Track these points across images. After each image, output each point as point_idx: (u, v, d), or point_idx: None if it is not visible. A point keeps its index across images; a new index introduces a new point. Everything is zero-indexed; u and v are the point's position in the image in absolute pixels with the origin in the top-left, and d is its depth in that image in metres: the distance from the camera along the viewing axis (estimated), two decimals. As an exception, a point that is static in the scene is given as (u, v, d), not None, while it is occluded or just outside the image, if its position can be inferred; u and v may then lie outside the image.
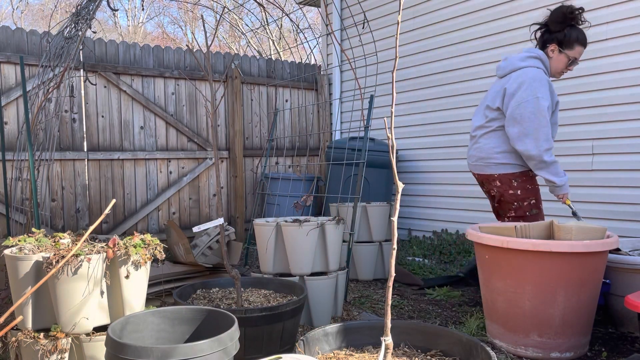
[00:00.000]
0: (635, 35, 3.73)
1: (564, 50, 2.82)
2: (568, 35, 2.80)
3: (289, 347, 2.45)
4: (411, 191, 5.48)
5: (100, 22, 17.15)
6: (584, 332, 2.50)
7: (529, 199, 2.88)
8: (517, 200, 2.87)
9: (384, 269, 4.23)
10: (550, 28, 2.87)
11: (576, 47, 2.82)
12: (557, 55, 2.84)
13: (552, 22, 2.84)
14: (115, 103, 5.04)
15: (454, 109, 5.02)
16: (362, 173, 3.61)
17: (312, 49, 4.76)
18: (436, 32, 5.16)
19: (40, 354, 1.88)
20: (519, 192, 2.84)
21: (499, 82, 2.92)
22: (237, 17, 15.81)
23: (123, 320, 1.77)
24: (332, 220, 3.03)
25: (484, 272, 2.70)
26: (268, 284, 2.85)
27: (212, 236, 3.89)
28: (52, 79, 3.30)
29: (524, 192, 2.85)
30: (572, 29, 2.81)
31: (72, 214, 4.83)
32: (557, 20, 2.81)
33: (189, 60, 5.50)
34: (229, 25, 16.70)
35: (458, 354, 1.86)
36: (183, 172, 5.46)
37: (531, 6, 4.33)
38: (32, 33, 4.61)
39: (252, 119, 5.95)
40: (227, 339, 1.60)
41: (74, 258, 1.85)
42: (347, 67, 6.20)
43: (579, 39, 2.82)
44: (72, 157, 4.79)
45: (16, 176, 3.99)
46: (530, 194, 2.88)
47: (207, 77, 4.94)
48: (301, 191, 5.39)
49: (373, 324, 2.02)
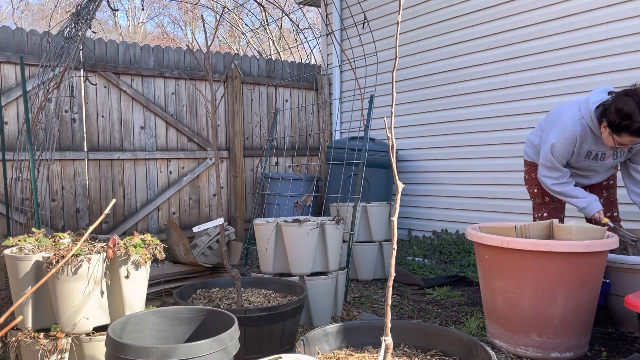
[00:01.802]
0: (635, 35, 3.73)
1: (613, 132, 2.67)
2: (618, 125, 2.61)
3: (289, 347, 2.45)
4: (411, 191, 5.48)
5: (100, 22, 17.14)
6: (584, 332, 2.50)
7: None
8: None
9: (384, 269, 4.23)
10: (610, 110, 2.66)
11: (624, 137, 2.64)
12: (607, 134, 2.70)
13: (615, 108, 2.63)
14: (115, 103, 5.04)
15: (453, 109, 5.02)
16: (362, 173, 3.61)
17: (312, 49, 4.76)
18: (436, 32, 5.16)
19: (40, 354, 1.88)
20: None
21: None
22: (237, 17, 15.81)
23: (123, 320, 1.77)
24: (332, 220, 3.03)
25: (484, 272, 2.70)
26: (268, 284, 2.85)
27: (212, 236, 3.89)
28: (52, 79, 3.30)
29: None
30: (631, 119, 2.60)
31: (72, 214, 4.83)
32: (618, 111, 2.61)
33: (189, 60, 5.50)
34: (229, 25, 16.70)
35: (458, 354, 1.87)
36: (183, 172, 5.46)
37: (531, 6, 4.33)
38: (32, 33, 4.61)
39: (252, 119, 5.96)
40: (227, 339, 1.60)
41: (74, 258, 1.85)
42: (347, 67, 6.20)
43: (630, 130, 2.59)
44: (72, 157, 4.79)
45: (16, 176, 3.99)
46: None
47: (207, 77, 4.94)
48: (301, 191, 5.39)
49: (373, 324, 2.02)
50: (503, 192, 4.61)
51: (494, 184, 4.70)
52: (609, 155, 2.86)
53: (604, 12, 3.90)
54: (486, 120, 4.74)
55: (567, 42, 4.12)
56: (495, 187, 4.69)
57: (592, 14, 3.97)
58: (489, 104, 4.71)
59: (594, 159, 2.88)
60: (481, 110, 4.78)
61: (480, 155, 4.81)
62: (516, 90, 4.48)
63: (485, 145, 4.76)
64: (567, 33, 4.12)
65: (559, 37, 4.17)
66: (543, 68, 4.28)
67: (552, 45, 4.21)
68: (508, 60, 4.53)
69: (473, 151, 4.87)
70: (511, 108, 4.52)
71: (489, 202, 4.74)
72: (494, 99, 4.66)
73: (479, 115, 4.79)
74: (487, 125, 4.73)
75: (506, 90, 4.56)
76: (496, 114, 4.65)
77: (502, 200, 4.62)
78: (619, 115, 2.59)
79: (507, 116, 4.56)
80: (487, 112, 4.72)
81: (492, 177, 4.71)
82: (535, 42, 4.32)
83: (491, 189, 4.72)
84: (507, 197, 4.56)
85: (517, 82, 4.47)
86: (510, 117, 4.53)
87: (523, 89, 4.43)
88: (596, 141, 2.80)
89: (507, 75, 4.55)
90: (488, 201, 4.76)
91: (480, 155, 4.81)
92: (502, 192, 4.62)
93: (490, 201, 4.74)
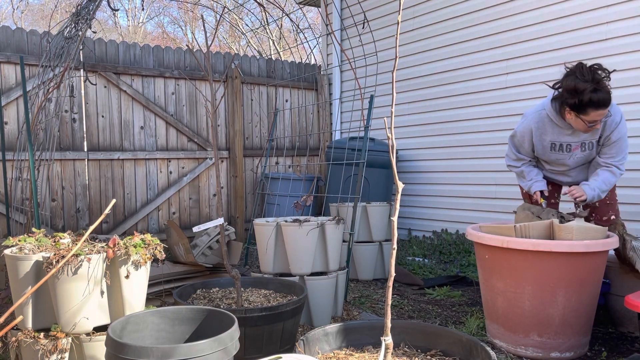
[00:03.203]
0: (635, 35, 3.73)
1: (579, 115, 2.65)
2: (579, 102, 2.59)
3: (289, 347, 2.45)
4: (411, 191, 5.48)
5: (100, 22, 17.14)
6: (584, 332, 2.50)
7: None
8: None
9: (384, 269, 4.23)
10: (563, 94, 2.68)
11: (590, 112, 2.60)
12: (574, 118, 2.68)
13: (565, 91, 2.65)
14: (115, 103, 5.04)
15: (453, 109, 5.02)
16: (362, 173, 3.61)
17: (312, 49, 4.77)
18: (436, 32, 5.16)
19: (41, 354, 1.88)
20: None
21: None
22: (237, 17, 15.81)
23: (123, 320, 1.77)
24: (332, 220, 3.03)
25: (484, 272, 2.70)
26: (268, 283, 2.85)
27: (212, 236, 3.88)
28: (52, 79, 3.30)
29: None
30: (584, 94, 2.59)
31: (72, 214, 4.83)
32: (570, 91, 2.62)
33: (189, 60, 5.50)
34: (229, 25, 16.70)
35: (458, 354, 1.86)
36: (183, 172, 5.46)
37: (531, 6, 4.33)
38: (32, 33, 4.61)
39: (252, 119, 5.96)
40: (227, 338, 1.60)
41: (74, 258, 1.85)
42: (347, 67, 6.20)
43: (593, 103, 2.57)
44: (72, 157, 4.79)
45: (16, 176, 3.99)
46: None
47: (207, 77, 4.94)
48: (301, 191, 5.39)
49: (373, 324, 2.02)
50: (503, 192, 4.61)
51: (494, 184, 4.70)
52: (576, 147, 2.84)
53: (604, 12, 3.90)
54: (486, 120, 4.74)
55: (567, 42, 4.11)
56: (495, 187, 4.69)
57: (592, 14, 3.97)
58: (488, 104, 4.71)
59: (559, 150, 2.87)
60: (481, 110, 4.78)
61: (480, 155, 4.81)
62: (516, 90, 4.48)
63: (485, 145, 4.76)
64: (567, 33, 4.12)
65: (559, 37, 4.17)
66: (543, 68, 4.28)
67: (552, 45, 4.21)
68: (508, 60, 4.54)
69: (473, 151, 4.87)
70: (511, 108, 4.52)
71: (489, 202, 4.75)
72: (493, 99, 4.67)
73: (479, 115, 4.79)
74: (487, 125, 4.73)
75: (506, 90, 4.56)
76: (496, 113, 4.65)
77: (502, 200, 4.62)
78: (571, 93, 2.61)
79: (507, 116, 4.56)
80: (487, 112, 4.72)
81: (492, 177, 4.71)
82: (535, 42, 4.32)
83: (491, 189, 4.72)
84: (507, 197, 4.55)
85: (517, 82, 4.47)
86: (510, 117, 4.53)
87: (523, 89, 4.43)
88: (559, 132, 2.81)
89: (507, 75, 4.55)
90: (488, 201, 4.76)
91: (480, 155, 4.81)
92: (502, 192, 4.62)
93: (490, 201, 4.74)
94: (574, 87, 2.59)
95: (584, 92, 2.56)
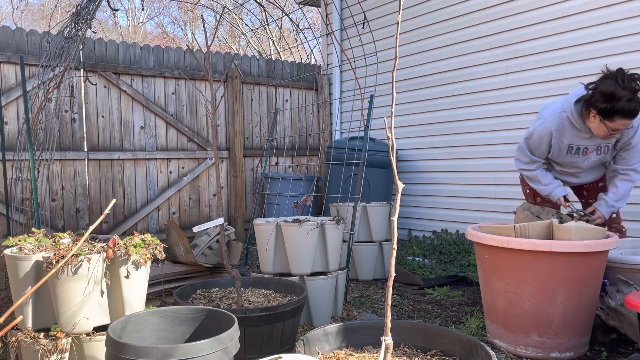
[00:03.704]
0: (635, 35, 3.73)
1: (604, 120, 2.61)
2: (610, 108, 2.56)
3: (289, 347, 2.45)
4: (411, 191, 5.49)
5: (100, 22, 17.15)
6: (584, 332, 2.50)
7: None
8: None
9: (384, 269, 4.23)
10: (594, 96, 2.62)
11: (617, 120, 2.58)
12: (597, 123, 2.65)
13: (600, 94, 2.59)
14: (115, 103, 5.04)
15: (453, 109, 5.02)
16: (362, 173, 3.61)
17: (312, 49, 4.76)
18: (436, 32, 5.16)
19: (41, 354, 1.88)
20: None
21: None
22: (237, 17, 15.81)
23: (123, 320, 1.77)
24: (332, 220, 3.03)
25: (484, 272, 2.70)
26: (268, 283, 2.85)
27: (212, 236, 3.89)
28: (52, 79, 3.30)
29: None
30: (620, 101, 2.56)
31: (72, 214, 4.83)
32: (605, 95, 2.57)
33: (189, 60, 5.50)
34: (229, 25, 16.70)
35: (458, 354, 1.87)
36: (183, 172, 5.46)
37: (531, 6, 4.33)
38: (32, 33, 4.61)
39: (252, 119, 5.96)
40: (227, 338, 1.60)
41: (74, 258, 1.85)
42: (347, 67, 6.20)
43: (624, 111, 2.54)
44: (72, 157, 4.79)
45: (16, 176, 3.99)
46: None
47: (207, 77, 4.94)
48: (301, 191, 5.39)
49: (373, 324, 2.02)
50: (503, 192, 4.61)
51: (494, 184, 4.70)
52: (592, 150, 2.84)
53: (604, 12, 3.90)
54: (486, 120, 4.74)
55: (567, 42, 4.11)
56: (495, 187, 4.69)
57: (592, 14, 3.97)
58: (488, 104, 4.71)
59: (576, 154, 2.86)
60: (481, 110, 4.78)
61: (480, 155, 4.81)
62: (516, 90, 4.48)
63: (485, 145, 4.76)
64: (567, 33, 4.12)
65: (559, 37, 4.17)
66: (543, 68, 4.28)
67: (552, 45, 4.21)
68: (508, 60, 4.54)
69: (473, 151, 4.87)
70: (511, 108, 4.52)
71: (489, 202, 4.75)
72: (493, 99, 4.66)
73: (479, 115, 4.79)
74: (487, 125, 4.73)
75: (506, 90, 4.56)
76: (496, 113, 4.65)
77: (502, 200, 4.62)
78: (605, 97, 2.55)
79: (507, 116, 4.56)
80: (487, 112, 4.72)
81: (492, 177, 4.71)
82: (535, 42, 4.32)
83: (491, 189, 4.72)
84: (507, 197, 4.56)
85: (517, 82, 4.47)
86: (510, 117, 4.53)
87: (523, 89, 4.43)
88: (577, 135, 2.79)
89: (507, 75, 4.55)
90: (488, 201, 4.76)
91: (480, 155, 4.81)
92: (502, 192, 4.62)
93: (490, 201, 4.74)
94: (611, 92, 2.53)
95: (620, 100, 2.52)
